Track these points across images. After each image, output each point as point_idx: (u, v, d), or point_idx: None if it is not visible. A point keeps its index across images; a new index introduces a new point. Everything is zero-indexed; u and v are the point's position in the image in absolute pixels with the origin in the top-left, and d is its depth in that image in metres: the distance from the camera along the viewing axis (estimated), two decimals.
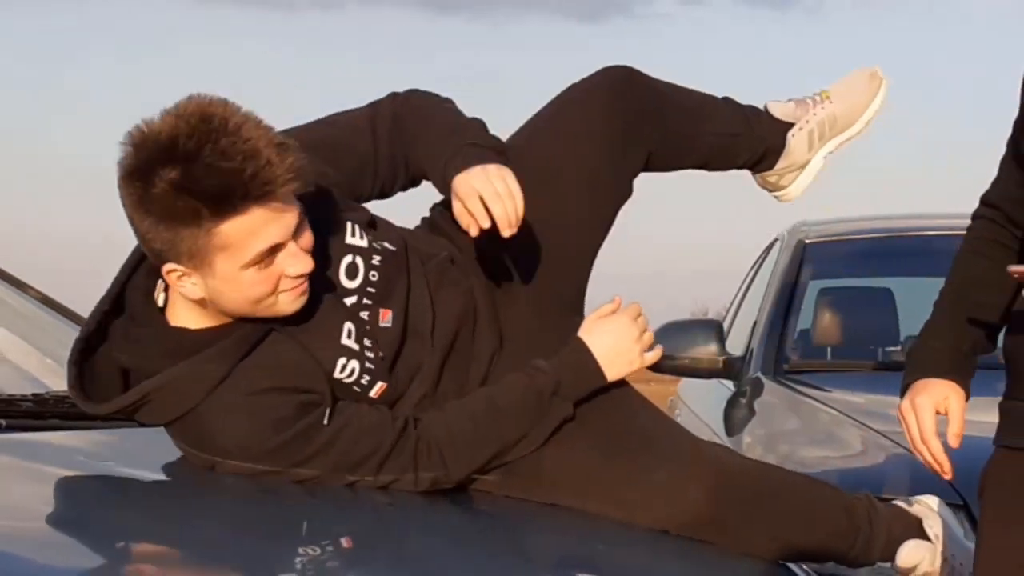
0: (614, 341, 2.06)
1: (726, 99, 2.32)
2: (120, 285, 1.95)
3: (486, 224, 1.92)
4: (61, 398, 2.10)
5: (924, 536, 2.20)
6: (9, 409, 2.11)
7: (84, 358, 1.91)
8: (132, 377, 1.91)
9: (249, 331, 1.92)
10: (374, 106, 2.14)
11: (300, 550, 1.83)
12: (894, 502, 2.36)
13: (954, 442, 2.01)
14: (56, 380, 2.23)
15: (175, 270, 1.82)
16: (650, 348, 2.13)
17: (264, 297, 1.86)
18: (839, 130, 2.33)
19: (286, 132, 2.04)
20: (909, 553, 2.16)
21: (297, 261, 1.83)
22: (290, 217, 1.81)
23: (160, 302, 1.92)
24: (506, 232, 1.94)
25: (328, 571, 1.79)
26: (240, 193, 1.77)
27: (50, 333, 2.56)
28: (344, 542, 1.92)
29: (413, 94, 2.16)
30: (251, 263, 1.80)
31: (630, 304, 2.08)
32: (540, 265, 2.16)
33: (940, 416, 2.08)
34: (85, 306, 2.28)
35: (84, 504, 1.90)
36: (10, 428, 2.01)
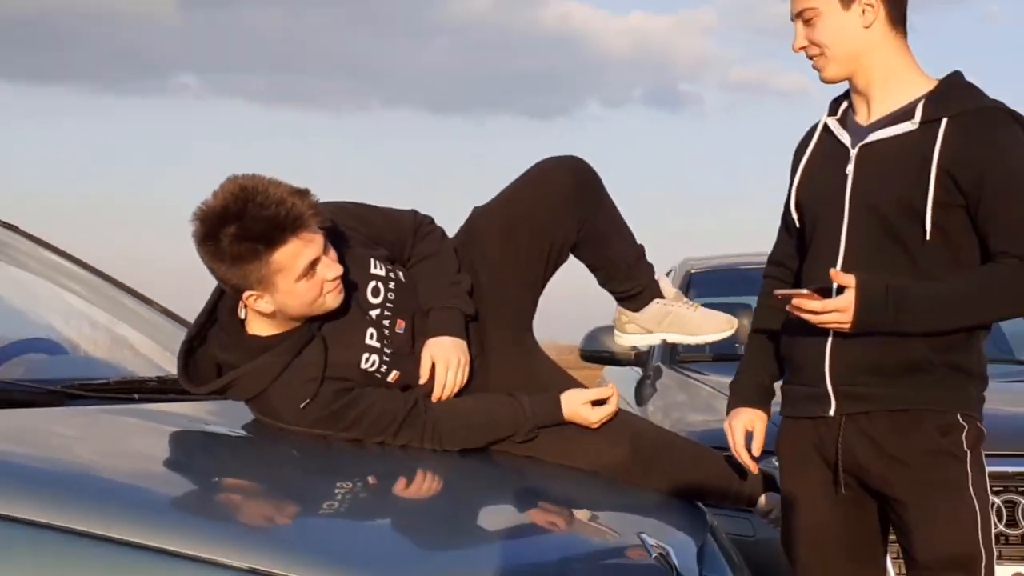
0: (579, 419, 2.13)
1: (641, 244, 2.32)
2: (213, 304, 2.03)
3: (424, 382, 2.06)
4: (175, 379, 2.14)
5: (776, 489, 2.25)
6: (140, 387, 2.26)
7: (188, 355, 2.01)
8: (222, 368, 2.00)
9: (299, 337, 1.97)
10: (401, 212, 2.23)
11: (339, 484, 1.94)
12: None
13: (757, 452, 2.14)
14: (172, 366, 2.21)
15: (251, 295, 1.89)
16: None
17: (316, 299, 1.92)
18: (684, 331, 2.33)
19: (338, 202, 2.16)
20: (767, 501, 2.23)
21: (331, 268, 1.91)
22: (319, 239, 1.89)
23: (242, 315, 1.99)
24: (435, 396, 2.06)
25: (361, 500, 1.93)
26: (280, 229, 1.84)
27: (167, 333, 2.57)
28: (371, 479, 2.04)
29: (433, 226, 2.22)
30: (301, 276, 1.87)
31: (609, 404, 2.14)
32: (505, 296, 2.20)
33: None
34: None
35: (188, 451, 2.02)
36: (141, 400, 2.16)
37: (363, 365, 1.94)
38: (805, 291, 1.93)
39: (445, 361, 1.98)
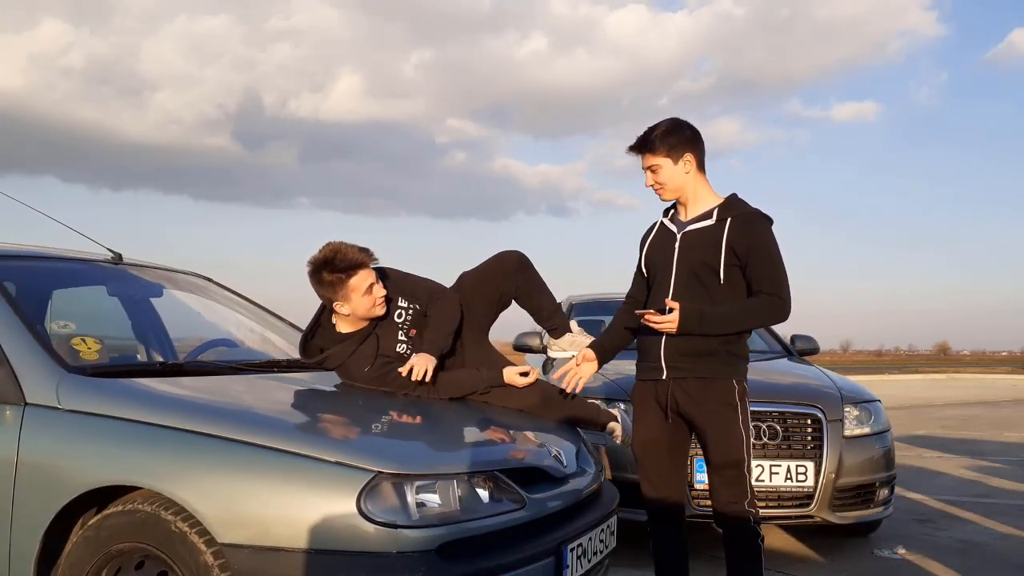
0: (513, 382, 2.65)
1: (559, 303, 2.84)
2: (317, 316, 2.67)
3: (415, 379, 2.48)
4: (294, 360, 2.72)
5: (617, 421, 2.82)
6: (277, 364, 2.80)
7: (304, 344, 2.64)
8: (322, 352, 2.60)
9: (363, 333, 2.59)
10: (425, 281, 2.73)
11: (382, 415, 2.40)
12: (601, 403, 2.96)
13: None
14: (295, 353, 2.82)
15: (338, 303, 2.51)
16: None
17: (371, 307, 2.54)
18: (574, 348, 2.82)
19: (391, 268, 2.63)
20: (614, 426, 2.83)
21: (380, 290, 2.54)
22: (373, 273, 2.51)
23: (333, 321, 2.63)
24: (416, 378, 2.47)
25: (395, 423, 2.33)
26: (354, 266, 2.46)
27: (290, 335, 3.07)
28: (400, 413, 2.44)
29: (448, 294, 2.70)
30: (364, 293, 2.50)
31: (530, 375, 2.67)
32: (474, 319, 2.79)
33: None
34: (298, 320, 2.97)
35: (303, 398, 2.47)
36: (278, 371, 2.69)
37: (398, 349, 2.62)
38: (651, 311, 2.52)
39: (419, 366, 2.53)
